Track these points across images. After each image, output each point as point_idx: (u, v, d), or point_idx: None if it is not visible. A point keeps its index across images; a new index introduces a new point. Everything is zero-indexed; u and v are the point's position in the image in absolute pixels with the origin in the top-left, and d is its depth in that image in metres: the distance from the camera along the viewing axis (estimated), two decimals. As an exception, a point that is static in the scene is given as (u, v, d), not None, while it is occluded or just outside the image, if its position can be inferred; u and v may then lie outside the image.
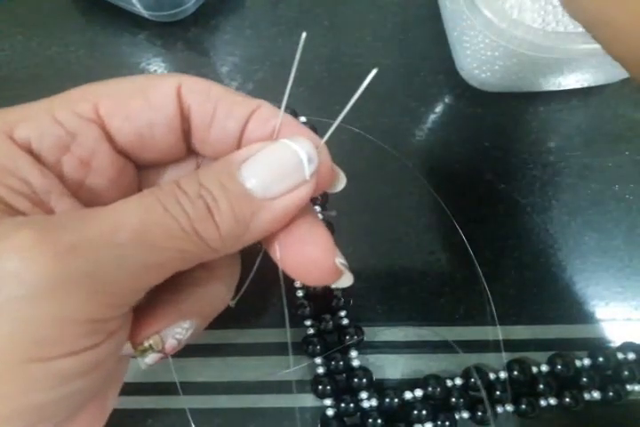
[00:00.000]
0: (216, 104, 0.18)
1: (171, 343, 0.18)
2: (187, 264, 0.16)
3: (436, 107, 0.35)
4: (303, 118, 0.34)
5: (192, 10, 0.37)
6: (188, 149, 0.19)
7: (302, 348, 0.28)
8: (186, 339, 0.19)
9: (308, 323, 0.29)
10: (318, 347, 0.28)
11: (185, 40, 0.37)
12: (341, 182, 0.20)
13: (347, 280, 0.19)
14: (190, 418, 0.27)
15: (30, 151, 0.16)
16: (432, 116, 0.35)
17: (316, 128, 0.34)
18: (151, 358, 0.18)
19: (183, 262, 0.16)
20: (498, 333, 0.29)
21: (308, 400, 0.28)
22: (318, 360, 0.28)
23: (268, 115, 0.18)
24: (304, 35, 0.15)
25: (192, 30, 0.38)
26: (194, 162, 0.20)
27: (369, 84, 0.18)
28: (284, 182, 0.17)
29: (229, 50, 0.37)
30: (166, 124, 0.18)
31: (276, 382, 0.28)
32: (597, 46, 0.21)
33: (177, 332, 0.18)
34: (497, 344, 0.29)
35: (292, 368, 0.28)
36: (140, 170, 0.20)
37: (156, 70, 0.36)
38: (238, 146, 0.18)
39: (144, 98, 0.17)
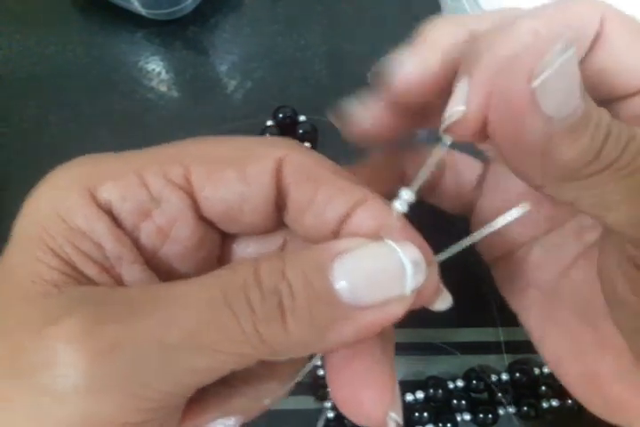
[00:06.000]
0: (317, 187, 0.15)
1: None
2: (242, 366, 0.14)
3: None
4: (303, 117, 0.34)
5: (190, 8, 0.37)
6: (279, 220, 0.17)
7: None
8: None
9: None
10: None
11: (183, 38, 0.37)
12: (445, 302, 0.17)
13: None
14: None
15: (110, 212, 0.15)
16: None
17: (317, 127, 0.34)
18: None
19: (238, 365, 0.14)
20: (499, 334, 0.29)
21: (308, 403, 0.28)
22: (318, 362, 0.28)
23: (375, 212, 0.15)
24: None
25: (190, 28, 0.37)
26: (283, 233, 0.18)
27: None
28: (379, 293, 0.14)
29: (228, 48, 0.37)
30: (259, 201, 0.16)
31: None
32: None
33: None
34: (499, 346, 0.29)
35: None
36: (223, 238, 0.18)
37: (154, 69, 0.36)
38: (335, 236, 0.16)
39: (240, 169, 0.16)
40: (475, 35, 0.16)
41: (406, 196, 0.15)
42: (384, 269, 0.14)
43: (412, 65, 0.17)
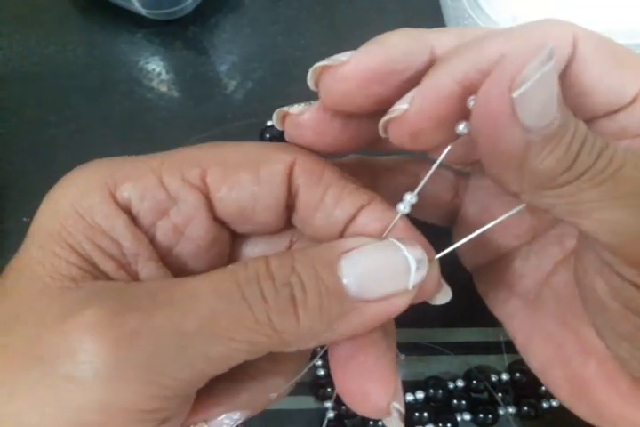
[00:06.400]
0: (326, 190, 0.17)
1: None
2: (254, 356, 0.15)
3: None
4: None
5: (191, 8, 0.37)
6: (287, 222, 0.18)
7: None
8: None
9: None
10: (319, 348, 0.28)
11: (183, 38, 0.37)
12: (445, 297, 0.18)
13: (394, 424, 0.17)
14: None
15: (129, 211, 0.16)
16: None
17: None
18: None
19: (250, 354, 0.15)
20: (500, 334, 0.29)
21: (308, 402, 0.28)
22: (318, 362, 0.28)
23: (380, 213, 0.17)
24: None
25: (191, 29, 0.37)
26: (290, 235, 0.19)
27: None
28: (384, 287, 0.15)
29: (228, 48, 0.37)
30: (271, 201, 0.17)
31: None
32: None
33: (225, 423, 0.18)
34: (499, 346, 0.29)
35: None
36: (233, 238, 0.19)
37: (154, 69, 0.36)
38: (341, 236, 0.17)
39: (254, 172, 0.17)
40: (434, 50, 0.16)
41: (410, 199, 0.17)
42: (389, 265, 0.15)
43: (348, 70, 0.17)
